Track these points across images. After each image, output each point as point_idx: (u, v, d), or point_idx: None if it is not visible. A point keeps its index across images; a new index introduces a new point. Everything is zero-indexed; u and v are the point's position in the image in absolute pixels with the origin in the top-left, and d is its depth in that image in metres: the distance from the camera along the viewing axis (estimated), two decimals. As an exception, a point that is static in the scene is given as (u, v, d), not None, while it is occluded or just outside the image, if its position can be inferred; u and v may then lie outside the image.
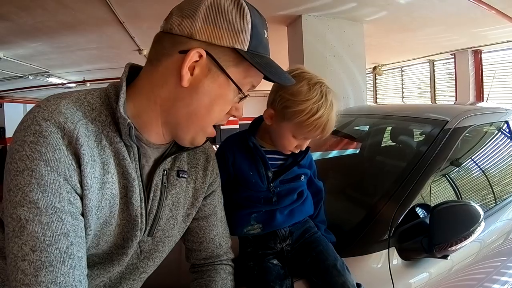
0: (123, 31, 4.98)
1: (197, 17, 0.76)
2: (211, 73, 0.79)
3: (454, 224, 1.18)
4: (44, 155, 0.66)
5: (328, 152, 2.32)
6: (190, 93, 0.79)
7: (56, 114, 0.68)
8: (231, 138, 1.22)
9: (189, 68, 0.77)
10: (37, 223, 0.64)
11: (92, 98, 0.78)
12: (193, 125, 0.84)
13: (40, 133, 0.66)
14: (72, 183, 0.69)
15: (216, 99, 0.82)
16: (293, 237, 1.19)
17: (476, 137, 1.83)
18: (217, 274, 1.05)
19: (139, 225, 0.84)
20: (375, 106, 4.61)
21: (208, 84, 0.79)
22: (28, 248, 0.63)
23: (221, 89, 0.81)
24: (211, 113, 0.83)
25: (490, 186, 1.79)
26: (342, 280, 1.05)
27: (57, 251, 0.65)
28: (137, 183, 0.81)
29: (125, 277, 0.92)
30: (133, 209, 0.82)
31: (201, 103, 0.81)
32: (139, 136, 0.82)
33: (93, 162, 0.72)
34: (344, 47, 4.44)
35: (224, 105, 0.84)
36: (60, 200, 0.67)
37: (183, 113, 0.81)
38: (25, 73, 8.21)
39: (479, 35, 6.17)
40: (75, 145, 0.69)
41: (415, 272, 1.25)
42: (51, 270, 0.64)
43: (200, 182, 1.00)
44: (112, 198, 0.78)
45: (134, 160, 0.81)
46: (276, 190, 1.17)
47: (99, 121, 0.76)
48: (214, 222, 1.06)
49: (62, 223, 0.67)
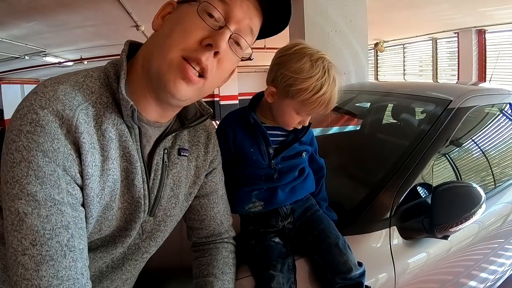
0: (120, 7, 4.89)
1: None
2: (176, 10, 0.79)
3: (455, 205, 1.18)
4: (42, 145, 0.63)
5: (328, 129, 2.31)
6: (160, 29, 0.78)
7: (53, 101, 0.65)
8: (231, 115, 1.20)
9: (160, 15, 0.79)
10: (36, 216, 0.62)
11: (90, 80, 0.74)
12: (157, 58, 0.74)
13: (37, 122, 0.63)
14: (71, 173, 0.67)
15: (178, 21, 0.75)
16: (294, 215, 1.19)
17: (479, 118, 1.81)
18: (218, 253, 1.05)
19: (142, 206, 0.82)
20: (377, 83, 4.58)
21: (171, 16, 0.78)
22: (28, 242, 0.62)
23: (180, 12, 0.77)
24: (170, 36, 0.74)
25: (490, 168, 1.79)
26: (344, 259, 1.05)
27: (58, 244, 0.64)
28: (139, 165, 0.79)
29: (127, 258, 0.91)
30: (135, 191, 0.80)
31: (162, 33, 0.77)
32: (139, 116, 0.78)
33: (93, 149, 0.69)
34: (346, 22, 4.35)
35: (186, 25, 0.74)
36: (59, 191, 0.65)
37: (154, 47, 0.76)
38: (21, 53, 8.13)
39: (484, 15, 6.09)
40: (74, 134, 0.66)
41: (414, 251, 1.26)
42: (52, 264, 0.63)
43: (202, 159, 0.98)
44: (114, 183, 0.76)
45: (135, 141, 0.79)
46: (278, 167, 1.15)
47: (100, 104, 0.73)
48: (216, 199, 1.05)
49: (62, 216, 0.65)
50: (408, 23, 6.95)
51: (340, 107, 2.35)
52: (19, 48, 7.29)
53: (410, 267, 1.24)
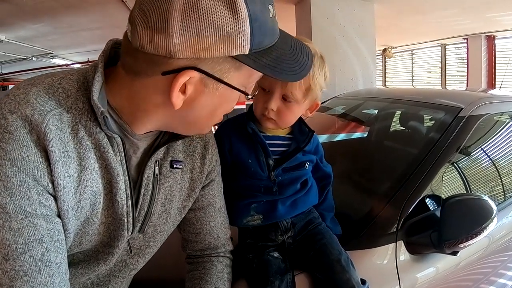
0: (126, 10, 4.87)
1: (171, 30, 0.57)
2: (207, 89, 0.66)
3: (465, 219, 1.11)
4: (10, 153, 0.58)
5: (334, 136, 2.26)
6: (186, 110, 0.67)
7: (23, 105, 0.60)
8: (228, 123, 1.13)
9: (179, 90, 0.63)
10: (7, 229, 0.58)
11: (67, 83, 0.68)
12: (195, 128, 0.77)
13: (5, 128, 0.58)
14: (43, 183, 0.61)
15: (218, 106, 0.72)
16: (295, 228, 1.13)
17: (490, 127, 1.75)
18: (213, 267, 0.99)
19: (125, 224, 0.76)
20: (385, 89, 4.53)
21: (206, 99, 0.68)
22: (0, 256, 0.58)
23: (222, 98, 0.69)
24: (214, 118, 0.74)
25: (500, 179, 1.73)
26: (346, 276, 0.99)
27: (31, 259, 0.60)
28: (121, 178, 0.72)
29: (114, 275, 0.86)
30: (118, 207, 0.74)
31: (200, 115, 0.71)
32: (122, 126, 0.71)
33: (66, 158, 0.63)
34: (354, 27, 4.32)
35: (229, 107, 0.74)
36: (31, 203, 0.60)
37: (180, 123, 0.73)
38: (28, 55, 8.24)
39: (493, 20, 6.06)
40: (43, 141, 0.60)
41: (422, 267, 1.20)
42: (27, 280, 0.59)
43: (198, 171, 0.91)
44: (94, 196, 0.70)
45: (118, 152, 0.71)
46: (278, 179, 1.09)
47: (76, 109, 0.66)
48: (212, 213, 0.99)
49: (35, 229, 0.60)
50: (417, 28, 6.92)
51: (347, 114, 2.30)
52: (26, 49, 7.37)
53: (417, 284, 1.18)
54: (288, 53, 0.72)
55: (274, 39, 0.69)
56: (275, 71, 0.67)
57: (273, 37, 0.68)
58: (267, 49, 0.67)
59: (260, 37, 0.63)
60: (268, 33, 0.66)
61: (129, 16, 0.64)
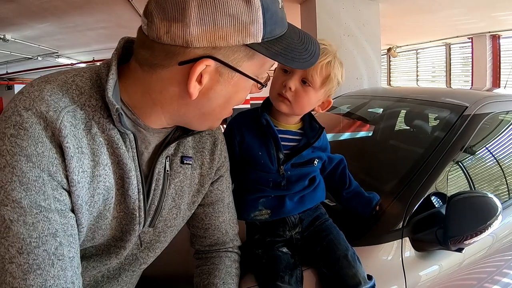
0: (132, 9, 4.88)
1: (188, 20, 0.60)
2: (222, 78, 0.69)
3: (471, 216, 1.12)
4: (25, 149, 0.59)
5: (340, 134, 2.26)
6: (201, 100, 0.71)
7: (38, 102, 0.62)
8: (240, 116, 1.16)
9: (196, 80, 0.66)
10: (22, 223, 0.59)
11: (81, 80, 0.69)
12: (208, 121, 0.78)
13: (20, 125, 0.60)
14: (57, 178, 0.63)
15: (232, 96, 0.74)
16: (303, 224, 1.15)
17: (495, 125, 1.76)
18: (221, 262, 1.01)
19: (137, 219, 0.78)
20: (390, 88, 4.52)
21: (221, 88, 0.70)
22: (14, 250, 0.59)
23: (236, 86, 0.72)
24: (227, 108, 0.77)
25: (505, 178, 1.73)
26: (352, 272, 1.00)
27: (45, 253, 0.61)
28: (134, 174, 0.74)
29: (124, 268, 0.88)
30: (130, 202, 0.76)
31: (215, 105, 0.73)
32: (136, 121, 0.74)
33: (80, 154, 0.65)
34: (359, 26, 4.31)
35: (242, 97, 0.77)
36: (45, 198, 0.61)
37: (195, 114, 0.75)
38: (34, 54, 8.24)
39: (498, 20, 6.03)
40: (58, 137, 0.62)
41: (426, 264, 1.21)
42: (40, 273, 0.60)
43: (207, 167, 0.93)
44: (107, 191, 0.72)
45: (130, 148, 0.74)
46: (287, 174, 1.11)
47: (89, 106, 0.68)
48: (221, 208, 1.01)
49: (49, 223, 0.62)
50: (421, 28, 6.89)
51: (352, 113, 2.31)
52: (32, 49, 7.38)
53: (421, 280, 1.19)
54: (297, 42, 0.75)
55: (284, 29, 0.73)
56: (286, 59, 0.71)
57: (283, 27, 0.72)
58: (278, 38, 0.70)
59: (272, 26, 0.67)
60: (278, 23, 0.69)
61: (144, 11, 0.67)
